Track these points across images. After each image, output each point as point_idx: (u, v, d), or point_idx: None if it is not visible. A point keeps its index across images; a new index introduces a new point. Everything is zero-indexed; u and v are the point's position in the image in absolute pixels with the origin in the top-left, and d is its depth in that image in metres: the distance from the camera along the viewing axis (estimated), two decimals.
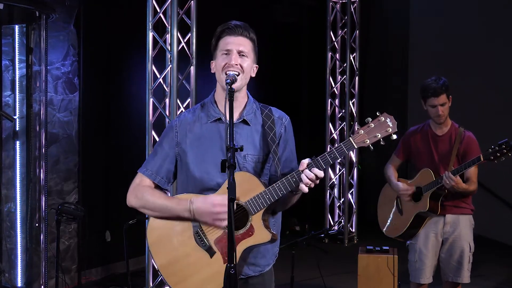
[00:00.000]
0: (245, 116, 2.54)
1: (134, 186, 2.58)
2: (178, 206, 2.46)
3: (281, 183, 2.38)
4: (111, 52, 6.23)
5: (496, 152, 3.66)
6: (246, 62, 2.49)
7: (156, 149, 2.60)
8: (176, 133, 2.56)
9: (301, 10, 9.07)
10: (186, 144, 2.54)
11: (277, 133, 2.55)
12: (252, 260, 2.53)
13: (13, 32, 5.02)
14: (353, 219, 8.00)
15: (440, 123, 4.01)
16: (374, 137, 2.36)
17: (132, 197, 2.56)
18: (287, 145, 2.60)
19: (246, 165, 2.49)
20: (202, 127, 2.55)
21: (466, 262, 3.98)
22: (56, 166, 5.54)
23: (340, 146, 2.37)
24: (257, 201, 2.40)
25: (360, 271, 5.05)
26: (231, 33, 2.49)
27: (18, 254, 5.05)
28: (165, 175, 2.57)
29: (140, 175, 2.59)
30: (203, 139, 2.53)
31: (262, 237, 2.42)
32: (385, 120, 2.37)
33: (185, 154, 2.54)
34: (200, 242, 2.47)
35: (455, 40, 7.99)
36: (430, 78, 3.99)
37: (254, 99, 2.62)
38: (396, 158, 4.26)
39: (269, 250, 2.60)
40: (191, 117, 2.58)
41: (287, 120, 2.62)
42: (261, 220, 2.41)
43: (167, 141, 2.58)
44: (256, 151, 2.52)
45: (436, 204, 3.96)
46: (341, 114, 8.08)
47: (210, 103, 2.58)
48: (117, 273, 6.14)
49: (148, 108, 5.20)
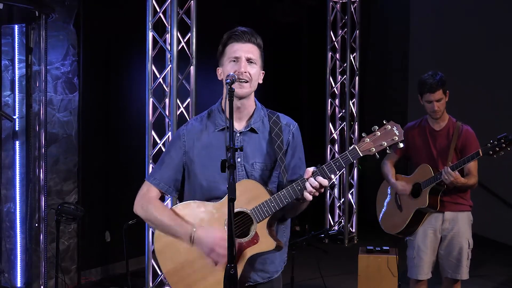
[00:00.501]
0: (253, 124, 2.54)
1: (141, 195, 2.61)
2: (180, 229, 2.48)
3: (286, 191, 2.38)
4: (111, 52, 6.22)
5: (495, 146, 3.66)
6: (255, 69, 2.50)
7: (164, 158, 2.62)
8: (184, 142, 2.57)
9: (301, 9, 9.06)
10: (194, 153, 2.55)
11: (284, 140, 2.55)
12: (260, 267, 2.53)
13: (12, 32, 5.02)
14: (353, 219, 7.99)
15: (436, 118, 4.01)
16: (380, 146, 2.35)
17: (138, 207, 2.59)
18: (295, 152, 2.60)
19: (254, 173, 2.50)
20: (209, 136, 2.55)
21: (465, 259, 3.99)
22: (55, 166, 5.53)
23: (345, 154, 2.36)
24: (262, 209, 2.40)
25: (361, 271, 5.05)
26: (239, 39, 2.49)
27: (18, 254, 5.05)
28: (172, 184, 2.59)
29: (147, 183, 2.62)
30: (211, 148, 2.53)
31: (267, 245, 2.42)
32: (391, 129, 2.36)
33: (193, 163, 2.55)
34: None
35: (455, 40, 7.98)
36: (427, 73, 3.99)
37: (262, 105, 2.62)
38: (393, 154, 4.24)
39: (278, 257, 2.60)
40: (199, 126, 2.59)
41: (295, 126, 2.62)
42: (266, 228, 2.41)
43: (174, 150, 2.59)
44: (264, 159, 2.52)
45: (435, 199, 3.96)
46: (341, 114, 8.06)
47: (217, 111, 2.58)
48: (117, 274, 6.12)
49: (148, 108, 5.19)
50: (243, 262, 2.41)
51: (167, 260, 2.53)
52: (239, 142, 2.52)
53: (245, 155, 2.51)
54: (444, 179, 3.80)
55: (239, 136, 2.53)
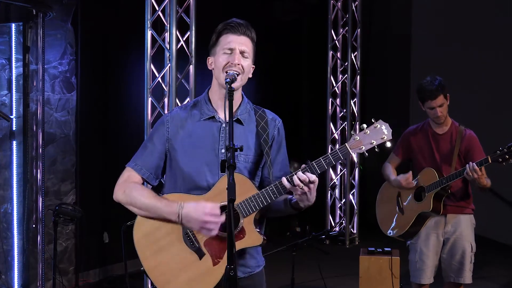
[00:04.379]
0: (239, 115, 2.52)
1: (123, 180, 2.55)
2: (166, 208, 2.42)
3: (274, 186, 2.36)
4: (109, 51, 6.20)
5: (505, 154, 3.61)
6: (247, 62, 2.47)
7: (146, 144, 2.57)
8: (168, 129, 2.52)
9: (302, 8, 9.03)
10: (177, 141, 2.50)
11: (270, 135, 2.54)
12: (241, 262, 2.49)
13: (9, 30, 4.98)
14: (354, 220, 7.96)
15: (440, 123, 3.99)
16: (369, 144, 2.36)
17: (120, 192, 2.52)
18: (281, 148, 2.58)
19: (238, 165, 2.44)
20: (194, 124, 2.51)
21: (467, 262, 3.96)
22: (53, 166, 5.50)
23: (335, 152, 2.37)
24: (249, 204, 2.38)
25: (362, 273, 5.02)
26: (234, 31, 2.46)
27: (15, 256, 5.02)
28: (154, 171, 2.54)
29: (129, 169, 2.56)
30: (195, 136, 2.49)
31: (253, 241, 2.40)
32: (380, 127, 2.37)
33: (175, 151, 2.50)
34: (189, 243, 2.44)
35: (457, 39, 7.95)
36: (425, 79, 3.94)
37: (248, 100, 2.60)
38: (395, 157, 4.21)
39: (259, 251, 2.58)
40: (183, 114, 2.54)
41: (280, 122, 2.61)
42: (252, 223, 2.39)
43: (157, 136, 2.54)
44: (249, 151, 2.49)
45: (438, 204, 3.94)
46: (342, 113, 8.04)
47: (204, 101, 2.55)
48: (115, 275, 6.10)
49: (147, 108, 5.16)
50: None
51: (147, 253, 2.49)
52: (224, 133, 2.48)
53: None
54: (467, 175, 3.71)
55: (225, 127, 2.48)
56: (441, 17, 8.31)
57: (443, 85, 3.89)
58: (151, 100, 5.15)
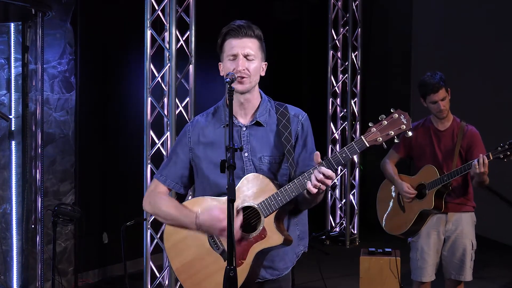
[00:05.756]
0: (258, 117, 2.52)
1: (150, 191, 2.65)
2: (186, 219, 2.48)
3: (293, 184, 2.35)
4: (109, 50, 6.18)
5: (506, 150, 3.59)
6: (254, 64, 2.47)
7: (171, 155, 2.65)
8: (189, 139, 2.58)
9: (302, 7, 9.02)
10: (200, 149, 2.55)
11: (292, 132, 2.52)
12: (269, 263, 2.51)
13: (8, 30, 4.96)
14: (354, 220, 7.93)
15: (443, 117, 3.97)
16: (387, 135, 2.30)
17: (147, 203, 2.63)
18: (306, 144, 2.55)
19: (263, 167, 2.47)
20: (215, 132, 2.54)
21: (468, 260, 3.95)
22: (52, 166, 5.49)
23: (351, 145, 2.32)
24: (269, 203, 2.38)
25: (362, 273, 5.02)
26: (235, 35, 2.46)
27: (14, 256, 5.00)
28: (179, 180, 2.61)
29: (155, 181, 2.64)
30: (216, 143, 2.52)
31: (274, 240, 2.39)
32: (399, 117, 2.31)
33: (199, 159, 2.55)
34: (214, 245, 2.47)
35: (458, 38, 7.94)
36: (425, 74, 3.96)
37: (268, 98, 2.60)
38: (395, 153, 4.20)
39: (288, 253, 2.57)
40: (204, 122, 2.58)
41: (304, 117, 2.60)
42: (273, 223, 2.39)
43: (180, 147, 2.60)
44: (272, 152, 2.50)
45: (440, 201, 3.93)
46: (343, 113, 8.02)
47: (223, 106, 2.57)
48: (115, 276, 6.09)
49: (146, 108, 5.14)
50: (251, 258, 2.39)
51: (177, 258, 2.55)
52: (245, 137, 2.50)
53: (252, 149, 2.49)
54: (475, 168, 3.64)
55: (245, 131, 2.51)
56: (442, 16, 8.29)
57: (444, 79, 3.90)
58: (151, 100, 5.13)
